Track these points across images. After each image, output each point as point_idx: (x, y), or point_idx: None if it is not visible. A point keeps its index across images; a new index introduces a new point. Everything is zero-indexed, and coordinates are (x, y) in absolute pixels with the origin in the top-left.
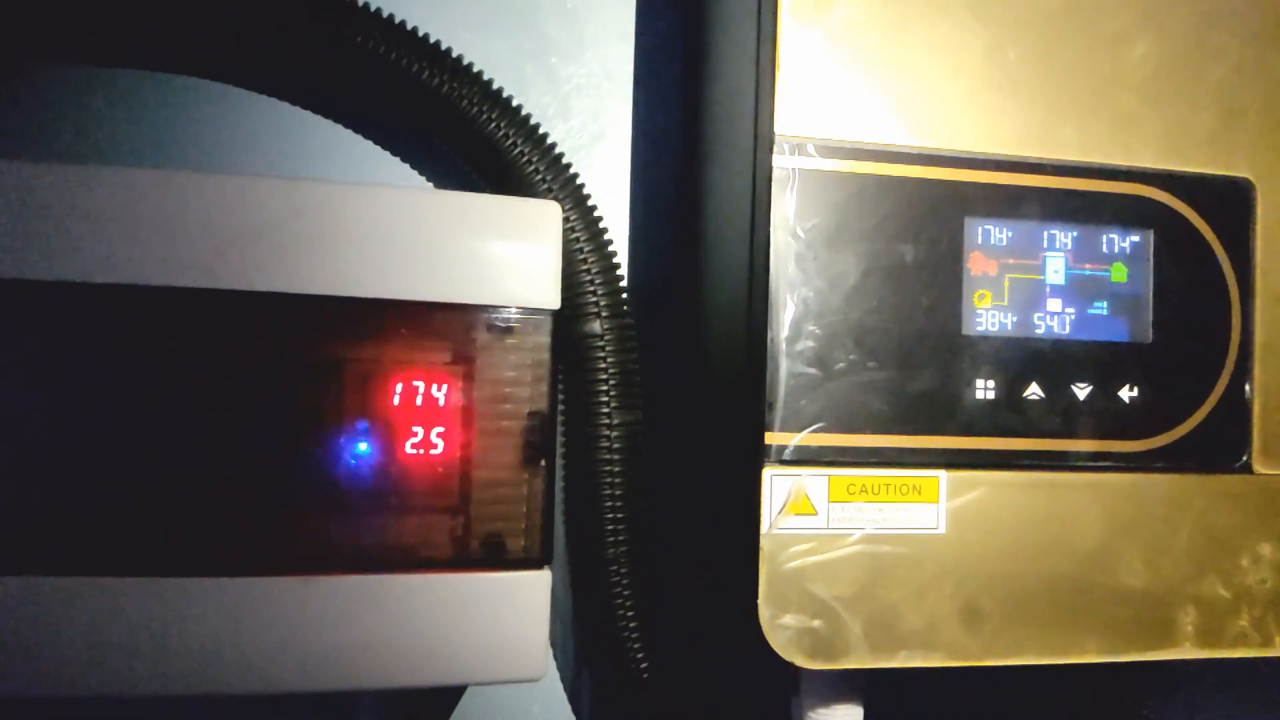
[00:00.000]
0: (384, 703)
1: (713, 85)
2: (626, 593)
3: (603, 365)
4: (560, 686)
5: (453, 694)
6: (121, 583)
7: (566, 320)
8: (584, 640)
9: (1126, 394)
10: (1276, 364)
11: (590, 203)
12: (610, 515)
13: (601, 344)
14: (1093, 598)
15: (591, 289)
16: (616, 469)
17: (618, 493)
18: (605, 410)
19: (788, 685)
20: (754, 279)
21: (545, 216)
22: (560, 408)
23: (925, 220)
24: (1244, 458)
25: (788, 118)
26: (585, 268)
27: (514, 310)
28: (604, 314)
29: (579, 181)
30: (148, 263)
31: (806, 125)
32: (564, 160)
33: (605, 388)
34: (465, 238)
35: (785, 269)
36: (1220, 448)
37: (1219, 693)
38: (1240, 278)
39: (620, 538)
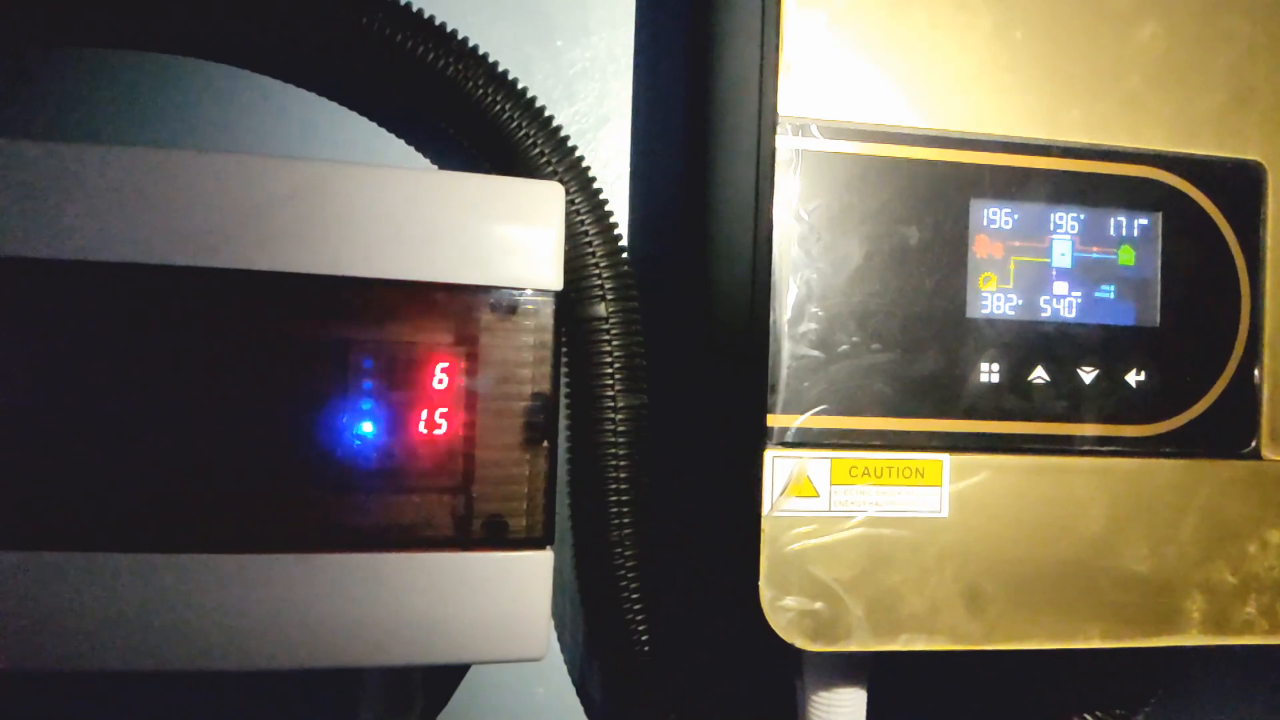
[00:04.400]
0: (388, 681)
1: (717, 67)
2: (631, 574)
3: (607, 348)
4: (565, 669)
5: (456, 673)
6: (133, 559)
7: (571, 303)
8: (589, 621)
9: (1133, 378)
10: None
11: (595, 185)
12: (615, 498)
13: (606, 327)
14: (1097, 583)
15: (596, 272)
16: (621, 452)
17: (622, 475)
18: (610, 393)
19: (792, 668)
20: (757, 261)
21: (548, 197)
22: (565, 390)
23: (930, 202)
24: (1253, 443)
25: (791, 98)
26: (590, 250)
27: (516, 291)
28: (609, 297)
29: (584, 164)
30: (153, 241)
31: (810, 106)
32: (569, 143)
33: (610, 371)
34: (468, 218)
35: (788, 251)
36: (1228, 433)
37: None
38: (1250, 261)
39: (625, 520)
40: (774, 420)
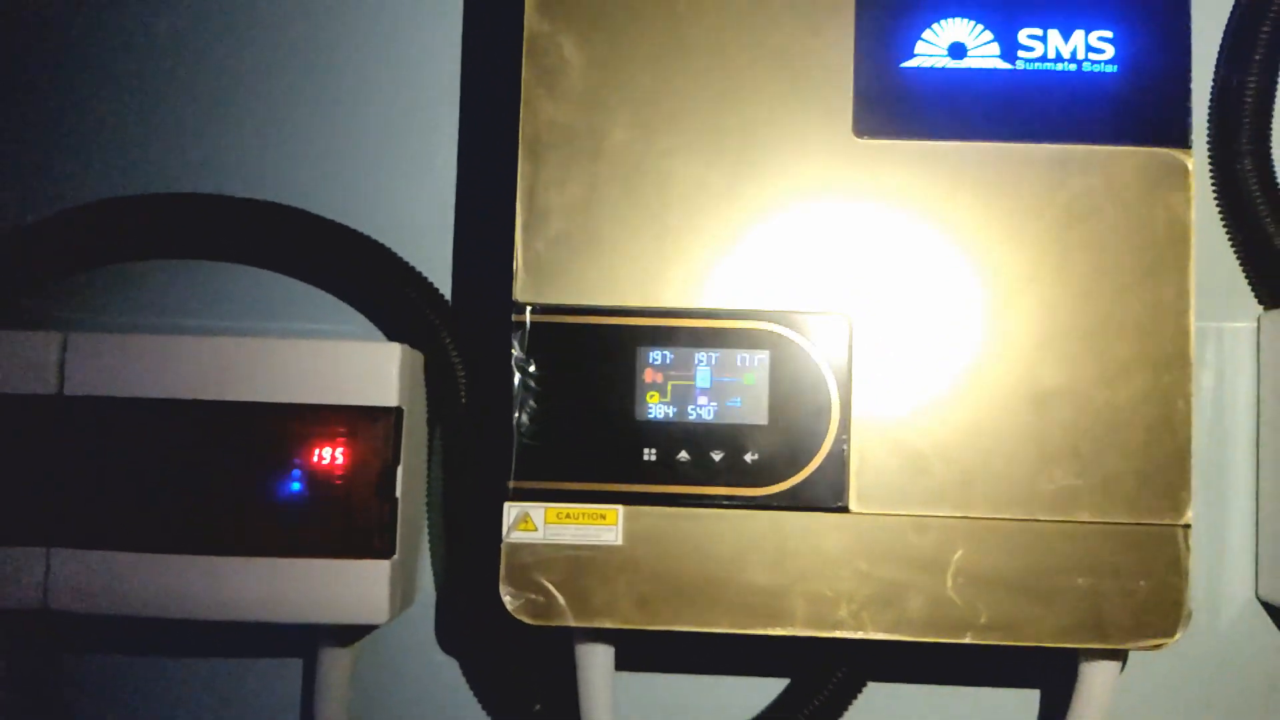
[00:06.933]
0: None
1: None
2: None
3: (470, 434)
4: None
5: (361, 630)
6: (168, 558)
7: (450, 404)
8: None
9: (749, 457)
10: (870, 438)
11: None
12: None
13: (471, 423)
14: (726, 589)
15: (463, 385)
16: (473, 498)
17: (471, 513)
18: (469, 463)
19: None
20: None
21: (390, 353)
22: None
23: (611, 351)
24: (843, 501)
25: (523, 290)
26: (461, 373)
27: (374, 408)
28: (468, 402)
29: (455, 323)
30: (182, 384)
31: (535, 294)
32: (449, 307)
33: (469, 450)
34: (348, 365)
35: (524, 384)
36: (824, 494)
37: None
38: (839, 381)
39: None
40: (511, 484)
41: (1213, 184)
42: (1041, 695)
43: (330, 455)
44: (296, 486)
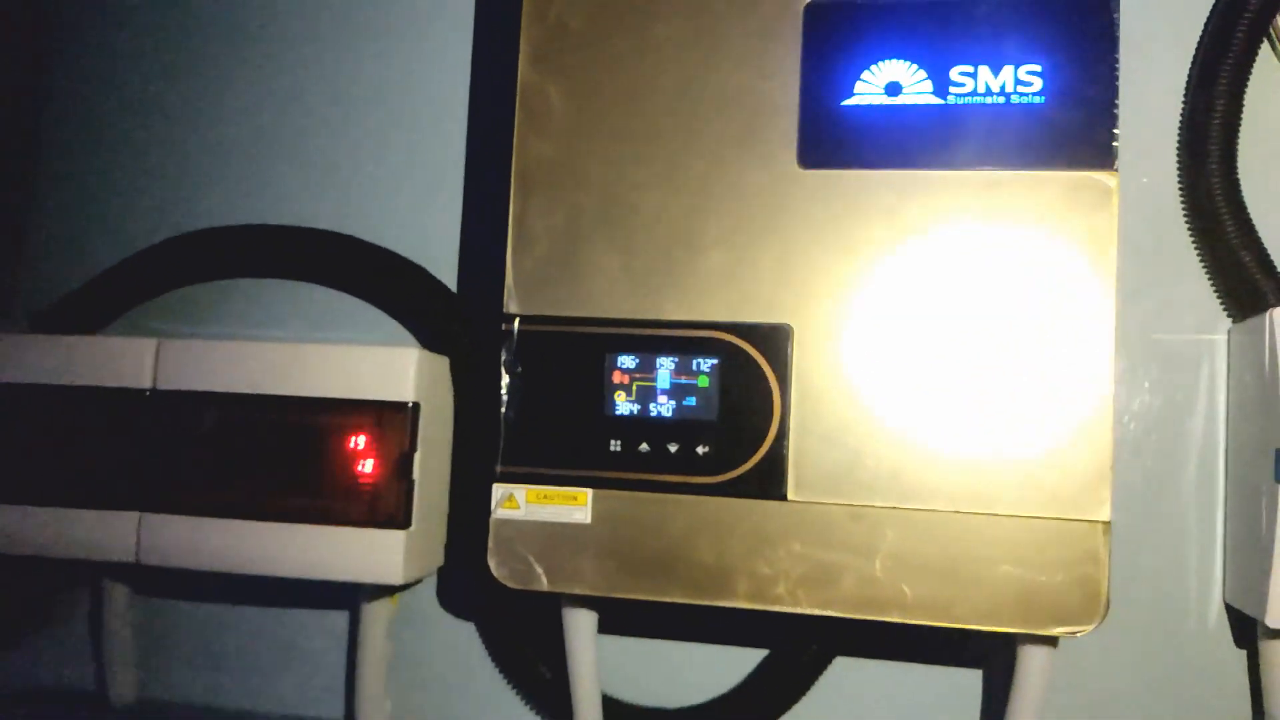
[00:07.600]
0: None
1: None
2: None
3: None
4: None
5: (385, 589)
6: (227, 522)
7: (467, 400)
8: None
9: (701, 450)
10: (806, 437)
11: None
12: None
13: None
14: (680, 565)
15: (477, 385)
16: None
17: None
18: (481, 450)
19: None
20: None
21: (408, 356)
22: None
23: (585, 355)
24: (783, 490)
25: (512, 302)
26: (477, 374)
27: (394, 402)
28: (480, 398)
29: (474, 330)
30: (249, 381)
31: (522, 307)
32: (465, 314)
33: (480, 439)
34: (375, 366)
35: (512, 384)
36: (766, 484)
37: None
38: (781, 384)
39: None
40: (499, 468)
41: (1182, 204)
42: (985, 675)
43: (360, 441)
44: (332, 466)
